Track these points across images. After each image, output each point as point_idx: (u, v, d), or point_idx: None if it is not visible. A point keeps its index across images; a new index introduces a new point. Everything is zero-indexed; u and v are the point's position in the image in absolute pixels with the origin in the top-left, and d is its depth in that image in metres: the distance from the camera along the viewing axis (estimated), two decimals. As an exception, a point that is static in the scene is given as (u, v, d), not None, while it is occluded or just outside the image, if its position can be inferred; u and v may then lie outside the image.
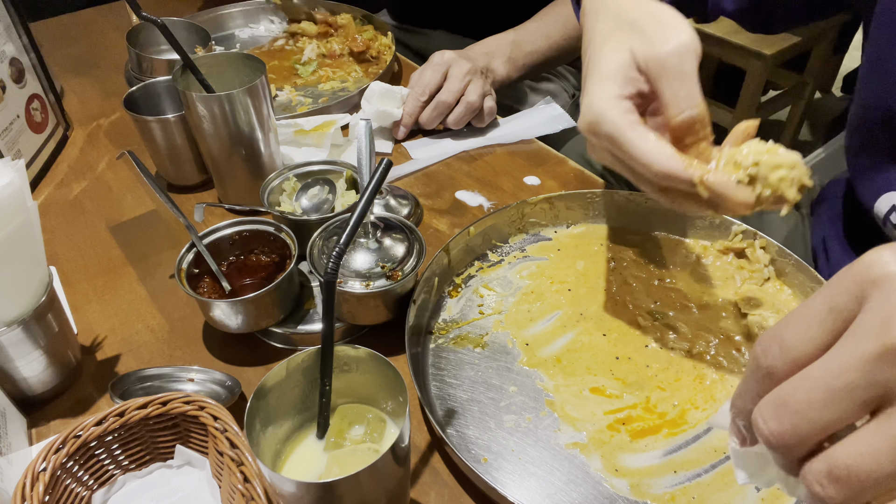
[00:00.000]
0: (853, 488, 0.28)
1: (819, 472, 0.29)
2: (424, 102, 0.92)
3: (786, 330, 0.31)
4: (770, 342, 0.31)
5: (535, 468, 0.55)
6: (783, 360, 0.30)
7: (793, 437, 0.29)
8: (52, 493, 0.47)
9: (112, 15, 1.31)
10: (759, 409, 0.30)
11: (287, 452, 0.48)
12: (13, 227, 0.52)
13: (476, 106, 0.92)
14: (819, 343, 0.30)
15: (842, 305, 0.29)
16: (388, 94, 0.92)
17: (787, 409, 0.29)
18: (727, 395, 0.59)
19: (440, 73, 0.91)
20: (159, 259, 0.77)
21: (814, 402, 0.28)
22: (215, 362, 0.65)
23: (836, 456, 0.28)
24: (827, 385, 0.28)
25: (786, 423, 0.29)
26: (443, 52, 0.94)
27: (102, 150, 0.95)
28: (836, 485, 0.28)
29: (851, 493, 0.28)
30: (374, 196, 0.48)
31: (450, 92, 0.90)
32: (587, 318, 0.67)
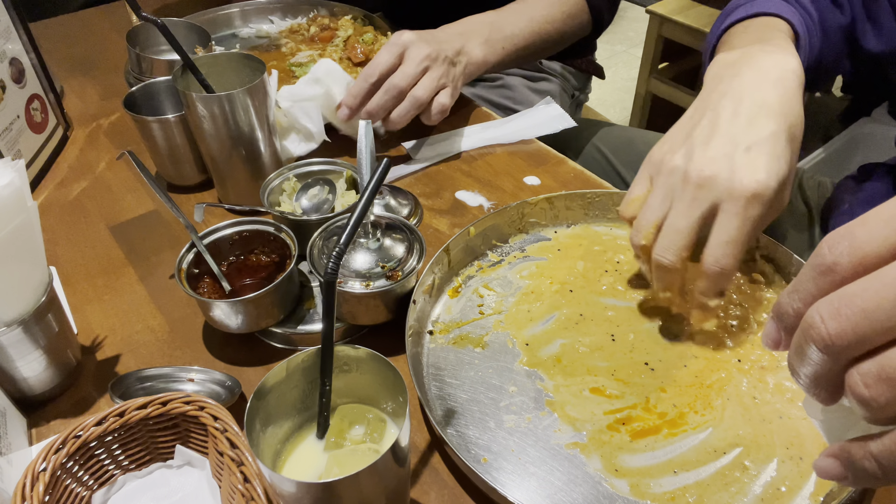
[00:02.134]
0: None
1: (868, 372, 0.27)
2: (373, 85, 0.82)
3: (860, 228, 0.29)
4: (840, 238, 0.29)
5: (535, 468, 0.55)
6: (850, 256, 0.29)
7: (851, 336, 0.27)
8: (52, 493, 0.47)
9: (112, 15, 1.31)
10: (818, 307, 0.29)
11: (287, 452, 0.48)
12: (13, 227, 0.52)
13: (423, 101, 0.83)
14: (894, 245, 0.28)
15: None
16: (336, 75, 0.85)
17: (850, 309, 0.27)
18: (727, 395, 0.59)
19: (395, 55, 0.82)
20: (159, 259, 0.77)
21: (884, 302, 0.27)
22: (215, 362, 0.65)
23: (891, 356, 0.27)
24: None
25: (846, 322, 0.27)
26: (402, 32, 0.85)
27: (102, 150, 0.95)
28: (884, 385, 0.27)
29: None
30: (374, 196, 0.48)
31: (404, 76, 0.81)
32: (587, 319, 0.67)
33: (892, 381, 0.27)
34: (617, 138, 1.10)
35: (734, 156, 0.55)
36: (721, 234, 0.55)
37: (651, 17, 2.19)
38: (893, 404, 0.27)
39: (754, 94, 0.58)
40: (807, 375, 0.30)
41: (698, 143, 0.58)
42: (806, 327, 0.29)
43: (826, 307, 0.28)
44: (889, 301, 0.27)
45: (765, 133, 0.56)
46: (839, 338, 0.28)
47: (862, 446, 0.30)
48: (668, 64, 2.33)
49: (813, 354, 0.29)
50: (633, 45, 3.22)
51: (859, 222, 0.29)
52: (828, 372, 0.29)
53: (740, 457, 0.54)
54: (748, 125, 0.57)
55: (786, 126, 0.57)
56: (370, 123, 0.62)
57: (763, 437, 0.56)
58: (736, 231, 0.55)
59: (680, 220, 0.57)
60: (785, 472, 0.53)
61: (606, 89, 2.93)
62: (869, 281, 0.27)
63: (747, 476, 0.53)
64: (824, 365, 0.29)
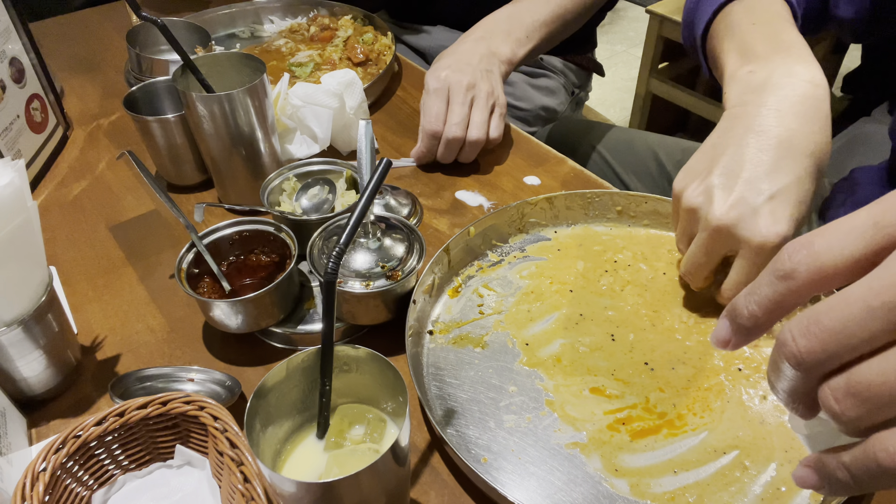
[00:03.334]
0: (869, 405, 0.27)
1: (837, 388, 0.28)
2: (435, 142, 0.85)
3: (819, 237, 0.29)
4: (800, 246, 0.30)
5: (535, 468, 0.55)
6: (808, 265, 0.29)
7: (821, 353, 0.28)
8: (52, 493, 0.47)
9: (112, 15, 1.31)
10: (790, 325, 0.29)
11: (287, 452, 0.48)
12: (13, 227, 0.52)
13: (481, 139, 0.85)
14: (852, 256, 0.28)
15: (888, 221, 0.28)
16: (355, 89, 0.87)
17: (818, 327, 0.28)
18: (727, 398, 0.59)
19: (443, 100, 0.85)
20: (159, 259, 0.77)
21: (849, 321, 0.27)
22: (215, 362, 0.65)
23: (858, 372, 0.28)
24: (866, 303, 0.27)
25: (815, 340, 0.28)
26: (438, 69, 0.86)
27: (102, 150, 0.95)
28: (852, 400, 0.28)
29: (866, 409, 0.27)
30: (374, 196, 0.48)
31: (455, 126, 0.83)
32: (587, 319, 0.67)
33: (859, 395, 0.28)
34: (616, 140, 1.10)
35: (756, 203, 0.55)
36: (738, 275, 0.58)
37: (651, 17, 2.19)
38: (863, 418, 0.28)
39: (781, 129, 0.57)
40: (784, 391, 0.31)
41: (719, 184, 0.57)
42: (779, 345, 0.30)
43: (796, 326, 0.29)
44: (854, 320, 0.27)
45: (789, 179, 0.56)
46: (809, 355, 0.29)
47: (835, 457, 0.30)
48: (668, 64, 2.33)
49: (787, 371, 0.30)
50: (633, 45, 3.22)
51: (819, 232, 0.30)
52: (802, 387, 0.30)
53: (740, 457, 0.54)
54: (773, 170, 0.56)
55: (812, 165, 0.56)
56: (370, 124, 0.62)
57: (762, 440, 0.56)
58: (747, 274, 0.57)
59: (700, 256, 0.60)
60: (784, 474, 0.53)
61: (606, 89, 2.94)
62: (835, 300, 0.28)
63: (747, 476, 0.53)
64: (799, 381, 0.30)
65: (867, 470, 0.28)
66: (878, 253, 0.28)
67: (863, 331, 0.27)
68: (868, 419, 0.28)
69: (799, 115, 0.58)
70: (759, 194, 0.55)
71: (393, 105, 1.03)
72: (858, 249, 0.29)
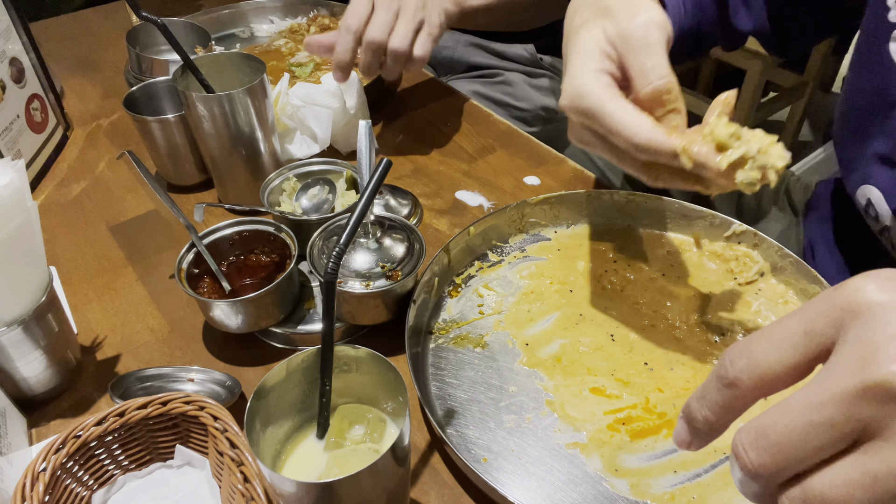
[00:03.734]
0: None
1: (794, 498, 0.29)
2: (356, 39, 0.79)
3: (756, 345, 0.31)
4: (738, 354, 0.31)
5: (535, 468, 0.55)
6: (749, 374, 0.31)
7: (772, 466, 0.29)
8: (52, 493, 0.47)
9: (112, 15, 1.31)
10: (740, 436, 0.30)
11: (287, 452, 0.48)
12: (13, 227, 0.52)
13: (402, 50, 0.79)
14: (788, 364, 0.30)
15: (819, 330, 0.29)
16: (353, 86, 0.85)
17: (766, 441, 0.29)
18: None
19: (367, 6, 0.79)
20: (159, 259, 0.77)
21: (793, 435, 0.28)
22: (215, 362, 0.65)
23: (812, 484, 0.29)
24: (806, 419, 0.28)
25: (765, 454, 0.29)
26: None
27: (102, 150, 0.95)
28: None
29: None
30: (374, 196, 0.48)
31: (377, 26, 0.77)
32: (587, 319, 0.67)
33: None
34: None
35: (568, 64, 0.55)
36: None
37: (651, 17, 2.19)
38: None
39: (577, 19, 0.58)
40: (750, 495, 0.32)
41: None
42: (733, 456, 0.31)
43: (746, 438, 0.30)
44: (798, 435, 0.28)
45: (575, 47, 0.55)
46: (762, 468, 0.29)
47: None
48: (668, 64, 2.33)
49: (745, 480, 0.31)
50: (633, 45, 3.21)
51: (756, 340, 0.31)
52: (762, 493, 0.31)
53: (740, 457, 0.54)
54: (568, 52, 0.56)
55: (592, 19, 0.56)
56: (370, 124, 0.62)
57: (763, 437, 0.56)
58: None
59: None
60: (785, 472, 0.53)
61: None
62: (779, 413, 0.29)
63: (747, 476, 0.53)
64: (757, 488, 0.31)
65: None
66: (812, 361, 0.30)
67: (808, 445, 0.28)
68: None
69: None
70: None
71: (393, 105, 1.03)
72: (794, 359, 0.30)
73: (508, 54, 1.21)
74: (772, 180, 0.49)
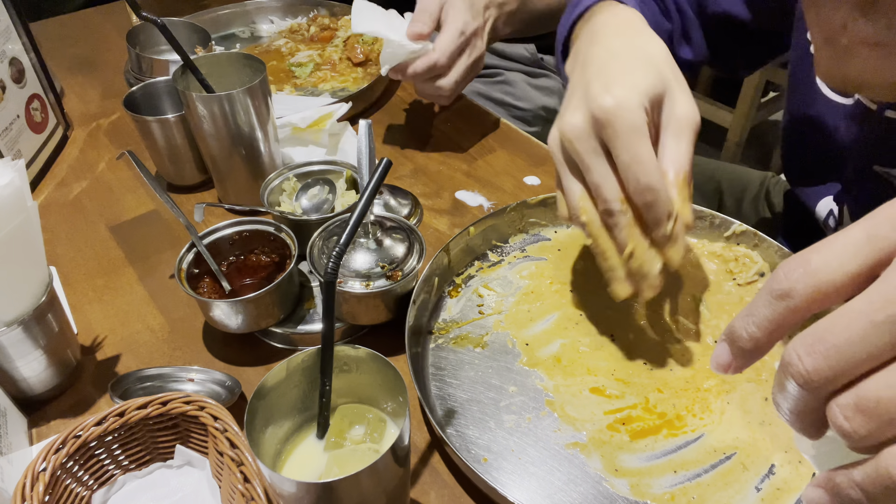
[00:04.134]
0: (879, 420, 0.27)
1: (846, 405, 0.28)
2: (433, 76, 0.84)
3: (815, 254, 0.29)
4: (795, 265, 0.29)
5: (535, 468, 0.55)
6: (805, 283, 0.29)
7: (828, 371, 0.28)
8: (52, 493, 0.47)
9: (112, 15, 1.31)
10: (794, 345, 0.29)
11: (287, 452, 0.48)
12: (13, 227, 0.52)
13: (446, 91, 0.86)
14: (849, 272, 0.28)
15: (883, 234, 0.28)
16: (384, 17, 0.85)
17: (824, 345, 0.28)
18: (727, 399, 0.59)
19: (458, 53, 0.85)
20: (159, 259, 0.77)
21: (854, 336, 0.27)
22: (215, 362, 0.65)
23: (866, 388, 0.27)
24: (870, 318, 0.27)
25: (821, 359, 0.28)
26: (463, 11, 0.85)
27: (102, 150, 0.95)
28: (862, 416, 0.27)
29: (877, 425, 0.27)
30: (374, 196, 0.48)
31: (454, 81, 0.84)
32: (587, 319, 0.67)
33: (868, 411, 0.27)
34: None
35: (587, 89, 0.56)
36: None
37: (651, 17, 2.19)
38: (873, 434, 0.27)
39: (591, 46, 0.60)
40: (790, 411, 0.31)
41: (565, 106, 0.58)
42: (784, 365, 0.30)
43: (801, 345, 0.29)
44: (858, 336, 0.27)
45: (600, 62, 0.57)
46: (816, 374, 0.28)
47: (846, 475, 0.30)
48: (668, 64, 2.33)
49: (793, 391, 0.30)
50: (633, 45, 3.21)
51: (814, 250, 0.30)
52: (810, 406, 0.30)
53: (740, 457, 0.54)
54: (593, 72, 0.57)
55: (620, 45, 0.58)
56: (370, 123, 0.62)
57: (762, 440, 0.56)
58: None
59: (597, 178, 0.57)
60: (784, 474, 0.53)
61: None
62: (838, 316, 0.28)
63: (747, 476, 0.53)
64: (805, 400, 0.30)
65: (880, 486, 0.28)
66: (874, 267, 0.28)
67: (868, 346, 0.27)
68: (879, 435, 0.27)
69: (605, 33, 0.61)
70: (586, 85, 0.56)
71: (393, 105, 1.03)
72: (855, 265, 0.28)
73: (509, 54, 1.21)
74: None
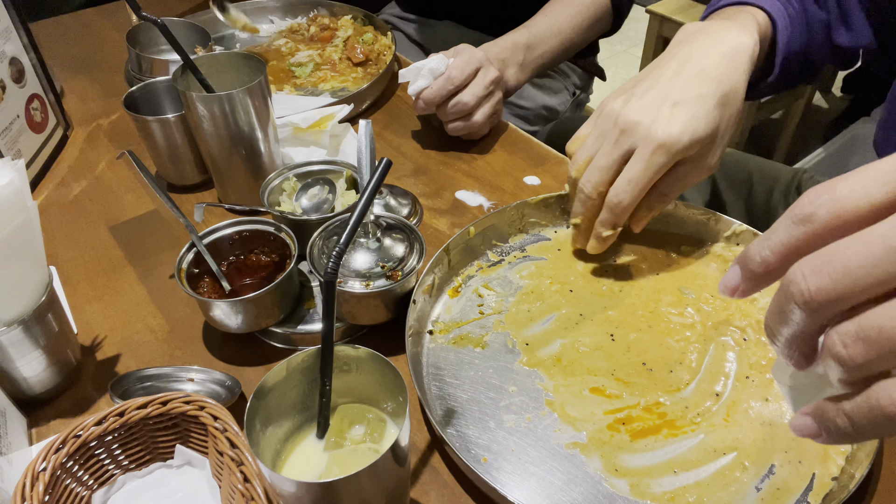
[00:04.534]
0: (879, 350, 0.27)
1: (847, 332, 0.27)
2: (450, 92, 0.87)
3: (843, 182, 0.29)
4: (822, 191, 0.29)
5: (535, 468, 0.55)
6: (829, 209, 0.29)
7: (831, 293, 0.27)
8: (52, 493, 0.47)
9: (112, 15, 1.31)
10: (801, 264, 0.29)
11: (287, 452, 0.48)
12: (13, 227, 0.52)
13: (478, 129, 0.90)
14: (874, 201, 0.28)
15: None
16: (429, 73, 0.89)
17: (833, 266, 0.27)
18: (727, 397, 0.59)
19: (472, 71, 0.87)
20: (159, 259, 0.77)
21: (867, 260, 0.27)
22: (215, 362, 0.65)
23: (870, 316, 0.27)
24: (888, 244, 0.26)
25: (828, 279, 0.27)
26: (473, 48, 0.90)
27: (102, 150, 0.95)
28: (863, 345, 0.27)
29: (876, 355, 0.27)
30: (374, 196, 0.48)
31: (473, 96, 0.87)
32: (587, 319, 0.67)
33: (869, 340, 0.27)
34: None
35: (660, 108, 0.61)
36: (627, 172, 0.62)
37: (651, 17, 2.19)
38: (870, 364, 0.27)
39: (699, 59, 0.63)
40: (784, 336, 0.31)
41: (637, 93, 0.64)
42: (787, 283, 0.29)
43: (808, 264, 0.28)
44: (871, 259, 0.27)
45: (694, 93, 0.61)
46: (819, 294, 0.28)
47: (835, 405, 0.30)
48: (668, 64, 2.33)
49: (792, 312, 0.29)
50: (633, 45, 3.22)
51: (842, 178, 0.29)
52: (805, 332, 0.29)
53: (739, 457, 0.54)
54: (684, 84, 0.62)
55: (719, 91, 0.61)
56: (370, 123, 0.62)
57: (762, 440, 0.56)
58: (638, 173, 0.61)
59: (602, 158, 0.64)
60: (784, 474, 0.53)
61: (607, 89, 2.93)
62: (852, 239, 0.27)
63: (747, 476, 0.53)
64: (802, 324, 0.29)
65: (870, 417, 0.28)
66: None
67: (879, 272, 0.27)
68: (874, 365, 0.27)
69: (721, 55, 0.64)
70: (664, 101, 0.61)
71: (393, 105, 1.03)
72: (882, 194, 0.28)
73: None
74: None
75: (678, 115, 0.60)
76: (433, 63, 0.86)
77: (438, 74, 0.86)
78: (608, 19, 1.08)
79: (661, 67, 0.65)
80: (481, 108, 0.89)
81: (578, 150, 0.67)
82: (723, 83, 0.62)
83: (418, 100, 0.88)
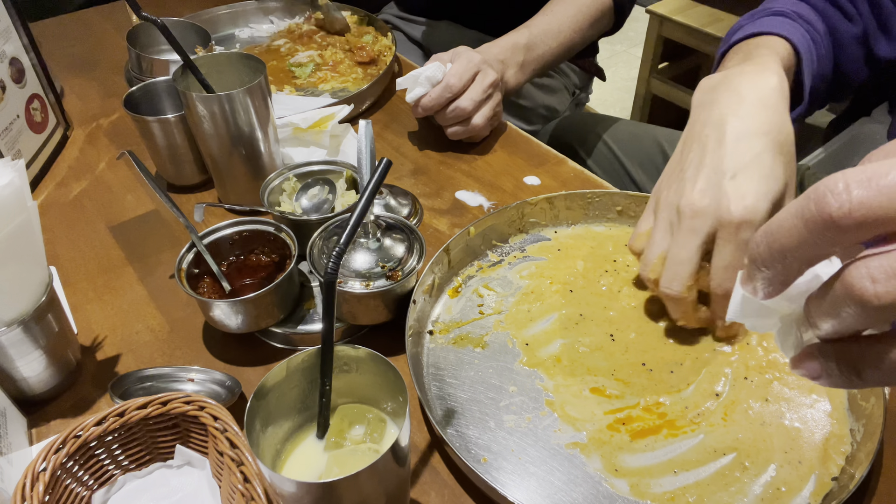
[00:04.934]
0: None
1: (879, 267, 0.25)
2: (448, 99, 0.87)
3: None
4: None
5: (535, 468, 0.55)
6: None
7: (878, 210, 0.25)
8: (52, 493, 0.47)
9: (112, 15, 1.31)
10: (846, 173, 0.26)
11: (287, 452, 0.48)
12: (13, 227, 0.52)
13: (478, 132, 0.90)
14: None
15: None
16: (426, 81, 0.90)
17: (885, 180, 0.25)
18: (726, 396, 0.59)
19: (470, 76, 0.87)
20: (159, 259, 0.77)
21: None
22: (215, 362, 0.65)
23: None
24: None
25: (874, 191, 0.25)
26: (471, 51, 0.90)
27: (102, 150, 0.95)
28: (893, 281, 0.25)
29: None
30: (374, 196, 0.48)
31: (471, 101, 0.87)
32: (587, 319, 0.67)
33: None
34: (623, 133, 1.11)
35: (721, 185, 0.57)
36: (719, 260, 0.57)
37: (651, 17, 2.19)
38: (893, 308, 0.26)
39: (733, 119, 0.60)
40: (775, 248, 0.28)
41: (688, 176, 0.60)
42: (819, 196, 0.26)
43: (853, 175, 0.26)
44: None
45: (748, 157, 0.58)
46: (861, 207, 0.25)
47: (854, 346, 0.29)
48: (668, 64, 2.33)
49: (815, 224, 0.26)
50: (633, 45, 3.22)
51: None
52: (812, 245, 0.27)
53: (739, 457, 0.54)
54: (732, 151, 0.58)
55: (771, 143, 0.58)
56: (370, 123, 0.62)
57: (762, 441, 0.56)
58: (731, 256, 0.57)
59: (681, 251, 0.59)
60: (784, 474, 0.53)
61: (606, 89, 2.93)
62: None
63: (747, 476, 0.53)
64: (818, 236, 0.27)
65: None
66: None
67: None
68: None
69: (753, 106, 0.60)
70: (722, 176, 0.58)
71: (393, 105, 1.03)
72: None
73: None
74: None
75: (743, 184, 0.56)
76: (430, 71, 0.86)
77: (436, 82, 0.86)
78: (609, 19, 1.08)
79: (698, 141, 0.61)
80: (480, 111, 0.89)
81: (648, 249, 0.62)
82: (770, 133, 0.59)
83: (417, 107, 0.88)
